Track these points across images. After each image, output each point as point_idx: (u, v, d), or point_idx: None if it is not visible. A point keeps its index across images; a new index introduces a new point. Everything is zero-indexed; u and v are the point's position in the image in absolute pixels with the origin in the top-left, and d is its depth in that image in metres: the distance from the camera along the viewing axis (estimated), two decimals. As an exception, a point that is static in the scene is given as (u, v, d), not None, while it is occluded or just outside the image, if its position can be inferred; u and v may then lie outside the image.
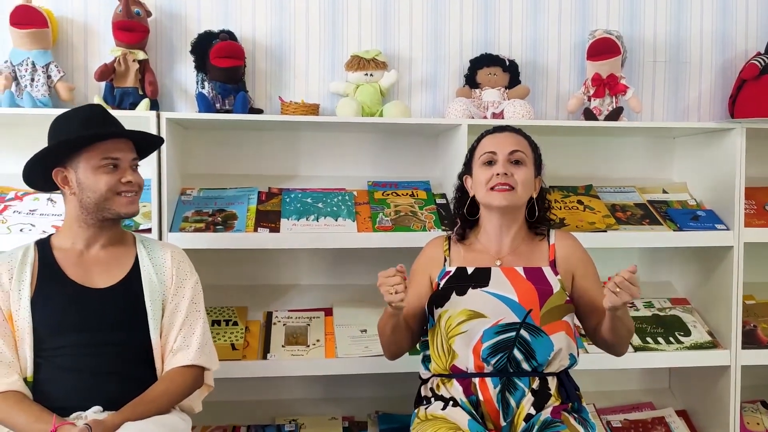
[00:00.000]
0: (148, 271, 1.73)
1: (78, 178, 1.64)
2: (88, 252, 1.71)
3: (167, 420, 1.60)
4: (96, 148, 1.64)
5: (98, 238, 1.71)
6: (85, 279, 1.67)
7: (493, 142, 1.78)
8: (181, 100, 2.43)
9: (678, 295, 2.57)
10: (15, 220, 2.10)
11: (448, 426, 1.63)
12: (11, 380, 1.57)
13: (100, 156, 1.63)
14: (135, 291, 1.70)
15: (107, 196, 1.65)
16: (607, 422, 2.42)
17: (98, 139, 1.64)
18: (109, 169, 1.65)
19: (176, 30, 2.42)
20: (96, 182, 1.64)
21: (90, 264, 1.70)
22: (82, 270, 1.68)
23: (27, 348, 1.61)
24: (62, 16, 2.36)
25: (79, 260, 1.69)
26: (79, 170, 1.64)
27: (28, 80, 2.22)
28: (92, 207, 1.66)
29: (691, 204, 2.48)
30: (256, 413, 2.36)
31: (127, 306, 1.68)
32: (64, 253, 1.70)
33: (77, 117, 1.67)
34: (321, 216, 2.23)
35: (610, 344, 1.75)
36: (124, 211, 1.68)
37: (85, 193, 1.64)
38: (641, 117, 2.60)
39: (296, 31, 2.46)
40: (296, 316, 2.32)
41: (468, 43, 2.53)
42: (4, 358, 1.59)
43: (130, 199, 1.68)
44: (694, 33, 2.64)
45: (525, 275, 1.73)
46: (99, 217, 1.68)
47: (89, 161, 1.63)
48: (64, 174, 1.66)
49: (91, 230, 1.70)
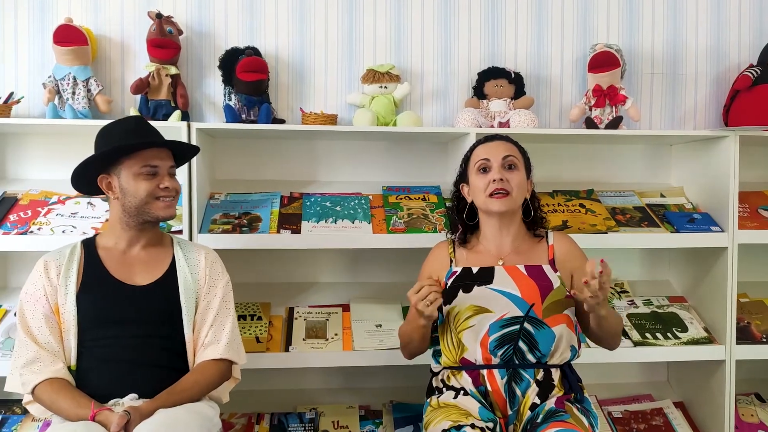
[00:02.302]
0: (184, 271, 1.75)
1: (121, 184, 1.67)
2: (129, 251, 1.74)
3: (197, 407, 1.61)
4: (137, 157, 1.66)
5: (139, 239, 1.74)
6: (127, 276, 1.70)
7: (486, 150, 1.79)
8: (209, 111, 2.46)
9: (676, 293, 2.56)
10: (58, 222, 2.13)
11: (459, 412, 1.65)
12: (57, 368, 1.60)
13: (140, 163, 1.66)
14: (171, 289, 1.72)
15: (147, 200, 1.67)
16: (609, 413, 2.41)
17: (139, 148, 1.67)
18: (149, 175, 1.67)
19: (205, 47, 2.45)
20: (137, 188, 1.66)
21: (131, 263, 1.72)
22: (123, 268, 1.71)
23: (72, 339, 1.64)
24: (101, 34, 2.40)
25: (122, 259, 1.72)
26: (122, 176, 1.67)
27: (70, 94, 2.26)
28: (133, 210, 1.69)
29: (687, 207, 2.46)
30: (279, 402, 2.37)
31: (164, 302, 1.70)
32: (108, 252, 1.73)
33: (121, 128, 1.70)
34: (339, 218, 2.24)
35: (600, 339, 1.77)
36: (162, 215, 1.71)
37: (127, 197, 1.67)
38: (640, 125, 2.60)
39: (316, 47, 2.49)
40: (316, 312, 2.33)
41: (476, 57, 2.54)
42: (51, 347, 1.63)
43: (167, 203, 1.71)
44: (689, 46, 2.63)
45: (526, 273, 1.74)
46: (139, 220, 1.71)
47: (131, 168, 1.66)
48: (108, 180, 1.69)
49: (132, 232, 1.73)
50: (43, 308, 1.65)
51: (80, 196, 2.24)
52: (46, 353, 1.61)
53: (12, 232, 2.08)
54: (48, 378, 1.58)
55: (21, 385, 1.60)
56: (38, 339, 1.62)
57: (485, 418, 1.63)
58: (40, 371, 1.59)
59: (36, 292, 1.66)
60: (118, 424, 1.45)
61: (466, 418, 1.62)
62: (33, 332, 1.63)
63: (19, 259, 2.37)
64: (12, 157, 2.38)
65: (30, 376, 1.59)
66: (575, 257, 1.80)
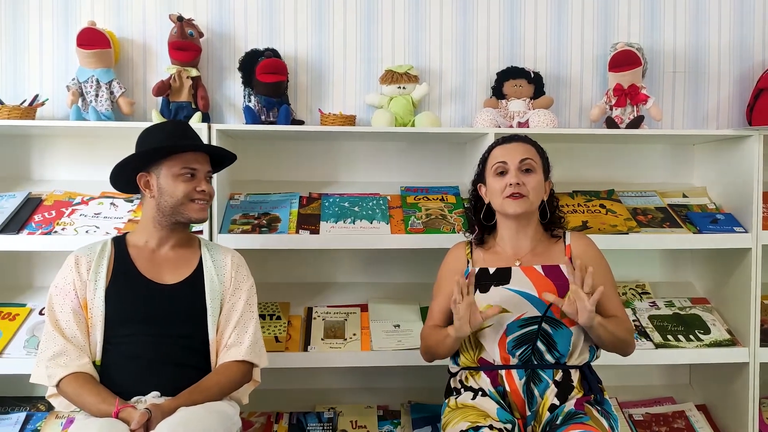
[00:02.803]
0: (210, 272, 1.77)
1: (159, 183, 1.71)
2: (159, 251, 1.77)
3: (218, 406, 1.62)
4: (178, 158, 1.70)
5: (169, 239, 1.77)
6: (155, 275, 1.73)
7: (504, 153, 1.77)
8: (229, 113, 2.48)
9: (698, 294, 2.52)
10: (81, 223, 2.16)
11: (477, 413, 1.64)
12: (82, 362, 1.63)
13: (180, 165, 1.70)
14: (197, 289, 1.74)
15: (182, 201, 1.71)
16: (629, 415, 2.39)
17: (182, 150, 1.71)
18: (187, 177, 1.71)
19: (225, 49, 2.47)
20: (174, 188, 1.70)
21: (160, 262, 1.75)
22: (152, 266, 1.74)
23: (98, 334, 1.66)
24: (123, 37, 2.44)
25: (151, 257, 1.75)
26: (161, 176, 1.71)
27: (93, 96, 2.29)
28: (168, 210, 1.72)
29: (710, 208, 2.43)
30: (298, 401, 2.38)
31: (190, 302, 1.73)
32: (138, 250, 1.76)
33: (165, 129, 1.75)
34: (357, 219, 2.24)
35: (606, 343, 1.70)
36: (195, 217, 1.74)
37: (163, 197, 1.71)
38: (662, 125, 2.57)
39: (334, 48, 2.50)
40: (334, 312, 2.34)
41: (495, 57, 2.53)
42: (77, 342, 1.65)
43: (201, 206, 1.74)
44: (712, 44, 2.60)
45: (543, 273, 1.73)
46: (172, 220, 1.74)
47: (171, 169, 1.70)
48: (147, 178, 1.72)
49: (163, 231, 1.76)
50: (71, 302, 1.68)
51: (104, 196, 2.27)
52: (72, 347, 1.64)
53: (37, 232, 2.12)
54: (73, 372, 1.61)
55: (47, 377, 1.63)
56: (65, 333, 1.65)
57: (503, 419, 1.63)
58: (66, 365, 1.62)
59: (66, 286, 1.69)
60: (138, 422, 1.47)
61: (484, 419, 1.61)
62: (61, 326, 1.66)
63: (44, 259, 2.41)
64: (37, 158, 2.43)
65: (56, 369, 1.61)
66: (591, 257, 1.78)
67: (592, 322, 1.60)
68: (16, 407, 2.27)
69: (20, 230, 2.12)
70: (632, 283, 2.53)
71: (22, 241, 2.10)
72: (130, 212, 2.22)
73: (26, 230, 2.13)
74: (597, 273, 1.73)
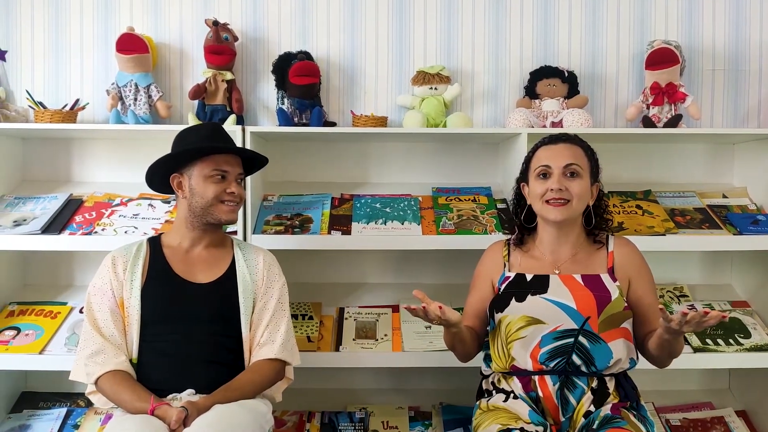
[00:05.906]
0: (243, 272, 1.79)
1: (191, 184, 1.74)
2: (192, 251, 1.80)
3: (251, 404, 1.64)
4: (210, 160, 1.73)
5: (202, 239, 1.80)
6: (189, 274, 1.76)
7: (548, 155, 1.70)
8: (263, 115, 2.51)
9: (738, 297, 2.45)
10: (120, 223, 2.21)
11: (509, 416, 1.62)
12: (119, 360, 1.66)
13: (212, 167, 1.73)
14: (230, 288, 1.76)
15: (212, 202, 1.73)
16: (666, 420, 2.33)
17: (214, 152, 1.73)
18: (218, 179, 1.73)
19: (259, 52, 2.50)
20: (205, 189, 1.73)
21: (193, 261, 1.78)
22: (186, 266, 1.77)
23: (134, 333, 1.70)
24: (161, 42, 2.48)
25: (185, 257, 1.78)
26: (193, 177, 1.74)
27: (132, 100, 2.34)
28: (199, 211, 1.74)
29: (751, 208, 2.36)
30: (329, 401, 2.39)
31: (223, 301, 1.75)
32: (172, 250, 1.79)
33: (199, 132, 1.78)
34: (389, 220, 2.24)
35: (654, 357, 1.66)
36: (224, 218, 1.76)
37: (194, 198, 1.73)
38: (701, 124, 2.50)
39: (366, 50, 2.50)
40: (366, 312, 2.34)
41: (528, 56, 2.50)
42: (115, 340, 1.69)
43: (231, 207, 1.76)
44: (752, 41, 2.52)
45: (583, 282, 1.67)
46: (203, 221, 1.76)
47: (202, 170, 1.73)
48: (180, 179, 1.76)
49: (196, 232, 1.79)
50: (109, 302, 1.71)
51: (142, 198, 2.32)
52: (110, 345, 1.67)
53: (78, 232, 2.17)
54: (111, 370, 1.64)
55: (85, 375, 1.67)
56: (103, 331, 1.69)
57: (536, 421, 1.59)
58: (104, 363, 1.65)
59: (103, 286, 1.73)
60: (177, 420, 1.50)
61: (515, 421, 1.59)
62: (99, 324, 1.70)
63: (84, 259, 2.47)
64: (77, 160, 2.49)
65: (94, 367, 1.65)
66: (634, 265, 1.71)
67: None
68: (57, 403, 2.34)
69: (62, 231, 2.17)
70: (670, 285, 2.47)
71: (64, 241, 2.15)
72: (167, 213, 2.26)
73: (67, 231, 2.18)
74: (640, 281, 1.69)
